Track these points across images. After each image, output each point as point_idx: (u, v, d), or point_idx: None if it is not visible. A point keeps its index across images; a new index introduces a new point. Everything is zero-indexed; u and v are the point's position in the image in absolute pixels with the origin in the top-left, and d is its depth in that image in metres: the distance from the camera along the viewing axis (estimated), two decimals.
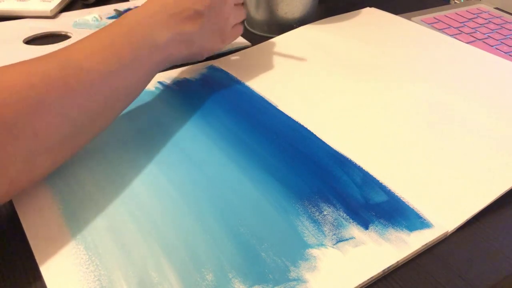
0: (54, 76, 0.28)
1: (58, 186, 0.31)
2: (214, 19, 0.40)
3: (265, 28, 0.55)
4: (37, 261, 0.26)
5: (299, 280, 0.25)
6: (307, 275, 0.26)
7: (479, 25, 0.59)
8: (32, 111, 0.26)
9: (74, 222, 0.28)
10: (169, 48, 0.36)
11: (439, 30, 0.57)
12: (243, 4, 0.45)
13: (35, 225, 0.28)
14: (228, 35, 0.43)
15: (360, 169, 0.33)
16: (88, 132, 0.31)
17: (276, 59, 0.48)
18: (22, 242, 0.28)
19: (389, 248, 0.27)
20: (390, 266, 0.27)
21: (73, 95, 0.28)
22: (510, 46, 0.54)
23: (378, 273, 0.26)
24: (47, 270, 0.26)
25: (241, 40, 0.53)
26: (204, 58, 0.43)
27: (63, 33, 0.55)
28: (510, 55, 0.52)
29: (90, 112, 0.30)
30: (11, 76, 0.27)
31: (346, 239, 0.28)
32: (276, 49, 0.50)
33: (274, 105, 0.41)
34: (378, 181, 0.32)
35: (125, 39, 0.33)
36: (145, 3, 0.36)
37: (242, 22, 0.45)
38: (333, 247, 0.27)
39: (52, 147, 0.28)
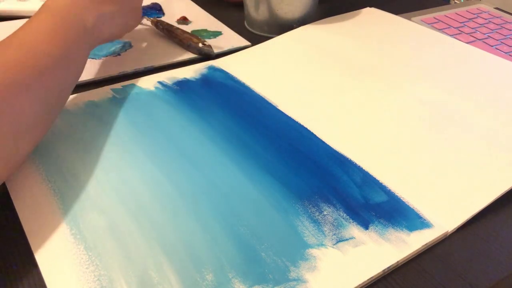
0: (21, 59, 0.30)
1: (58, 186, 0.31)
2: None
3: (265, 28, 0.55)
4: (37, 261, 0.26)
5: (299, 280, 0.25)
6: (307, 275, 0.26)
7: (479, 25, 0.59)
8: (10, 93, 0.28)
9: (74, 222, 0.28)
10: (97, 29, 0.39)
11: (439, 30, 0.57)
12: None
13: (35, 225, 0.28)
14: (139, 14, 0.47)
15: (360, 169, 0.33)
16: (57, 110, 0.34)
17: (276, 59, 0.48)
18: (22, 242, 0.28)
19: (389, 248, 0.27)
20: (390, 266, 0.27)
21: (40, 76, 0.31)
22: (510, 46, 0.54)
23: (378, 273, 0.26)
24: (47, 270, 0.26)
25: (241, 40, 0.53)
26: (127, 33, 0.46)
27: None
28: (510, 55, 0.52)
29: (56, 91, 0.33)
30: None
31: (346, 239, 0.28)
32: (276, 49, 0.50)
33: (274, 105, 0.41)
34: (378, 181, 0.32)
35: (62, 26, 0.35)
36: None
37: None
38: (333, 247, 0.27)
39: (31, 127, 0.30)
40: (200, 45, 0.48)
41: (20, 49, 0.31)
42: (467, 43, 0.53)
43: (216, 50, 0.50)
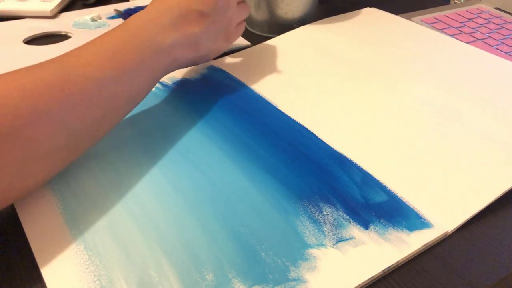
0: (50, 83, 0.27)
1: (58, 186, 0.31)
2: (219, 20, 0.39)
3: (265, 28, 0.55)
4: (37, 261, 0.26)
5: (299, 280, 0.25)
6: (307, 275, 0.26)
7: (479, 25, 0.59)
8: (27, 120, 0.26)
9: (74, 222, 0.28)
10: (175, 52, 0.36)
11: (439, 30, 0.57)
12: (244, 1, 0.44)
13: (35, 225, 0.28)
14: (233, 34, 0.42)
15: (360, 169, 0.33)
16: (86, 141, 0.30)
17: (276, 59, 0.48)
18: (22, 242, 0.28)
19: (389, 248, 0.27)
20: (390, 266, 0.27)
21: (71, 103, 0.28)
22: (510, 46, 0.54)
23: (378, 273, 0.26)
24: (47, 270, 0.26)
25: (241, 40, 0.53)
26: (211, 59, 0.42)
27: (63, 33, 0.55)
28: (510, 55, 0.52)
29: (89, 120, 0.29)
30: (5, 85, 0.26)
31: (346, 239, 0.28)
32: (276, 49, 0.50)
33: (274, 105, 0.41)
34: (378, 181, 0.32)
35: (128, 44, 0.32)
36: (148, 7, 0.36)
37: (245, 19, 0.45)
38: (333, 247, 0.27)
39: (47, 156, 0.27)
40: None
41: (56, 72, 0.28)
42: (467, 43, 0.53)
43: None
